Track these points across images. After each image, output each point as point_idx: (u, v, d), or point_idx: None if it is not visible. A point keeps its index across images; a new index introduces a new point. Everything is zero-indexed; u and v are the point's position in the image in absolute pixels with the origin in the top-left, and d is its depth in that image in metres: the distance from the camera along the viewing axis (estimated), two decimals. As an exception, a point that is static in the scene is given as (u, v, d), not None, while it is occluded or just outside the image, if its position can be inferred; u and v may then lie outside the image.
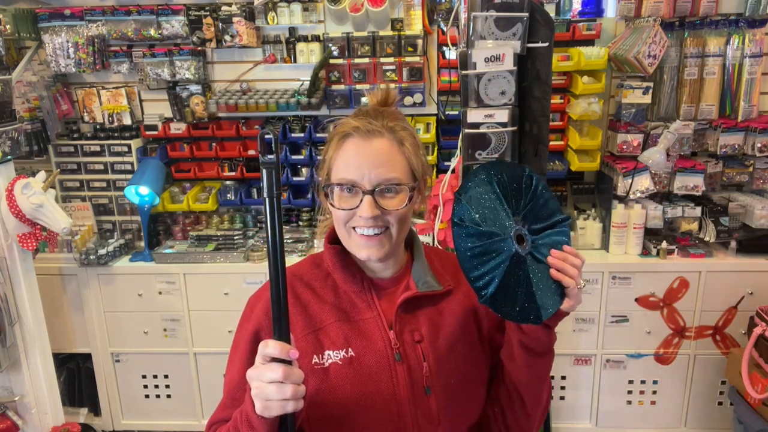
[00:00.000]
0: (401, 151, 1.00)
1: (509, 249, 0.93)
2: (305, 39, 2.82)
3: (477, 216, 0.92)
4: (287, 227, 3.01)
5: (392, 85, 2.77)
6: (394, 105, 1.09)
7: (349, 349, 1.00)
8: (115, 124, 2.95)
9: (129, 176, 2.87)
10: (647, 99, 2.67)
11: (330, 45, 2.78)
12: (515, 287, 0.92)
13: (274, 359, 0.81)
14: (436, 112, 2.88)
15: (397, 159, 0.99)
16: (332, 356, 0.99)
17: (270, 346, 0.80)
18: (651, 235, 2.77)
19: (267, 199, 0.84)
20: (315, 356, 1.00)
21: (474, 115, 1.86)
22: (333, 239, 1.09)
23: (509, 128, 1.85)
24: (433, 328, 1.04)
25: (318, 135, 2.84)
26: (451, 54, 2.71)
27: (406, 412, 0.99)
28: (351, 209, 0.98)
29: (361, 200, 0.96)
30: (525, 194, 0.98)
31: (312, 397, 0.98)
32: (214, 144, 2.97)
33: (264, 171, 0.83)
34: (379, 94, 1.07)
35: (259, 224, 3.07)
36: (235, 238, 2.83)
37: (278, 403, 0.80)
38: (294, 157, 2.87)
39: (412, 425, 0.99)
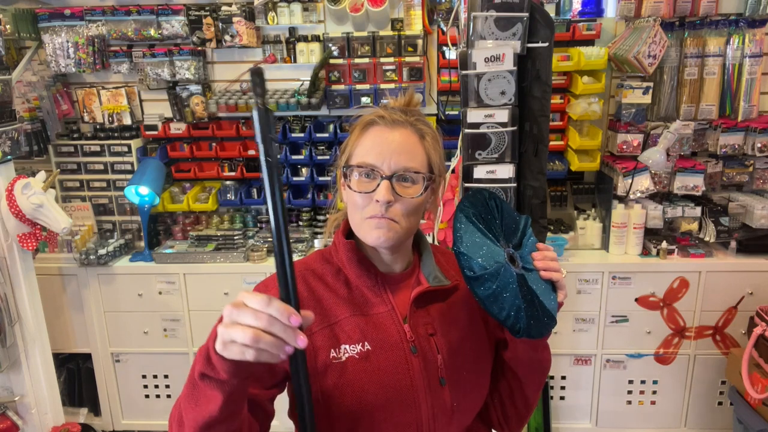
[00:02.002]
0: (422, 143, 1.04)
1: (512, 275, 0.97)
2: (305, 39, 2.83)
3: (480, 260, 0.96)
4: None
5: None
6: (417, 107, 1.12)
7: (365, 343, 1.01)
8: (115, 124, 2.95)
9: (129, 176, 2.87)
10: (647, 99, 2.67)
11: (330, 45, 2.78)
12: (531, 307, 0.96)
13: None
14: (436, 112, 2.88)
15: (417, 150, 1.02)
16: (349, 350, 1.00)
17: (273, 307, 0.70)
18: (651, 235, 2.77)
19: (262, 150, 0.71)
20: (332, 350, 1.00)
21: (474, 115, 1.86)
22: (347, 234, 1.10)
23: (509, 128, 1.85)
24: (445, 322, 1.07)
25: (318, 135, 2.84)
26: (451, 54, 2.71)
27: (423, 404, 1.01)
28: (367, 193, 1.00)
29: (379, 184, 0.99)
30: (497, 217, 1.04)
31: (330, 392, 0.99)
32: (214, 144, 2.97)
33: (256, 112, 0.72)
34: (402, 99, 1.10)
35: (259, 224, 3.07)
36: (235, 238, 2.83)
37: (239, 347, 0.71)
38: (294, 157, 2.87)
39: (428, 416, 1.01)
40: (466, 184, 1.90)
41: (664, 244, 2.67)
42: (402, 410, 1.00)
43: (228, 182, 3.02)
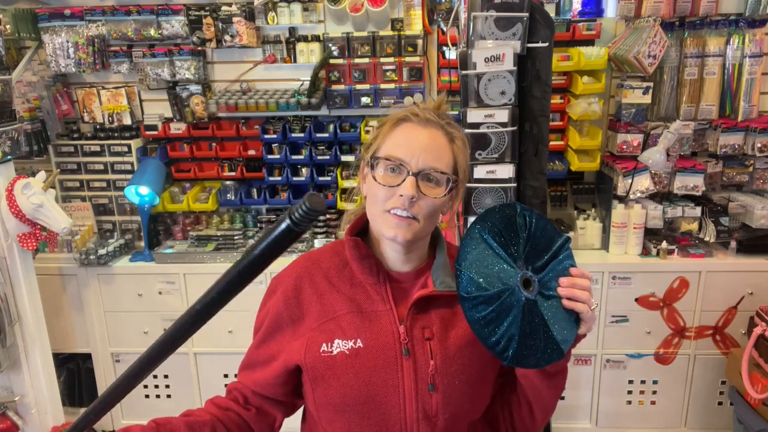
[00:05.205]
0: (450, 146, 1.04)
1: (519, 300, 0.92)
2: (305, 39, 2.83)
3: (481, 280, 0.91)
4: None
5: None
6: (447, 112, 1.13)
7: (358, 340, 1.02)
8: (115, 124, 2.95)
9: (129, 176, 2.87)
10: (647, 99, 2.67)
11: (330, 45, 2.78)
12: (533, 336, 0.91)
13: None
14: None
15: (445, 152, 1.03)
16: (341, 345, 1.02)
17: None
18: (651, 235, 2.77)
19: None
20: (324, 344, 1.03)
21: (474, 115, 1.86)
22: (355, 232, 1.11)
23: (509, 128, 1.85)
24: (445, 328, 1.05)
25: (318, 135, 2.84)
26: (451, 54, 2.71)
27: (408, 406, 1.01)
28: (392, 186, 1.00)
29: (404, 180, 0.99)
30: (522, 235, 0.96)
31: (317, 382, 1.03)
32: (214, 144, 2.97)
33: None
34: (432, 102, 1.10)
35: (259, 224, 3.07)
36: (235, 238, 2.83)
37: None
38: (294, 157, 2.87)
39: (412, 419, 1.01)
40: (466, 185, 1.90)
41: (664, 244, 2.67)
42: (386, 410, 1.00)
43: (228, 182, 3.02)
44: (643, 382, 2.78)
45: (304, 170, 2.94)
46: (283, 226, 0.74)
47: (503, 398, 1.14)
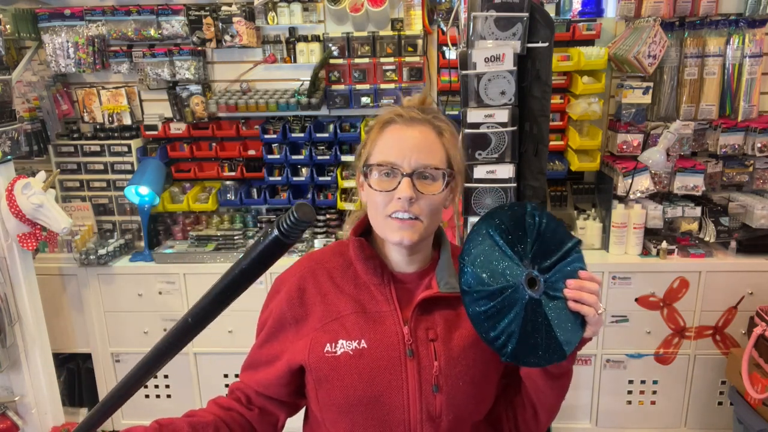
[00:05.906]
0: (440, 140, 1.04)
1: (522, 298, 0.92)
2: (305, 39, 2.83)
3: (485, 276, 0.92)
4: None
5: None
6: (432, 106, 1.13)
7: (362, 341, 1.02)
8: (115, 124, 2.95)
9: (129, 176, 2.87)
10: (647, 99, 2.67)
11: (330, 45, 2.78)
12: (535, 335, 0.91)
13: None
14: (436, 112, 2.87)
15: (436, 147, 1.03)
16: (345, 346, 1.02)
17: None
18: (651, 235, 2.77)
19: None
20: (328, 344, 1.03)
21: (474, 115, 1.86)
22: (359, 232, 1.11)
23: (509, 128, 1.85)
24: (449, 329, 1.05)
25: (318, 135, 2.84)
26: (451, 54, 2.71)
27: (412, 407, 1.01)
28: (388, 191, 1.00)
29: (400, 182, 0.99)
30: (530, 235, 0.95)
31: (321, 382, 1.03)
32: (214, 144, 2.97)
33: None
34: (416, 98, 1.11)
35: (259, 224, 3.07)
36: (235, 238, 2.83)
37: None
38: (294, 157, 2.87)
39: (415, 420, 1.01)
40: (466, 185, 1.90)
41: (664, 244, 2.67)
42: (389, 411, 1.00)
43: (228, 182, 3.01)
44: (643, 382, 2.78)
45: (304, 170, 2.94)
46: (272, 237, 0.72)
47: (507, 400, 1.14)
